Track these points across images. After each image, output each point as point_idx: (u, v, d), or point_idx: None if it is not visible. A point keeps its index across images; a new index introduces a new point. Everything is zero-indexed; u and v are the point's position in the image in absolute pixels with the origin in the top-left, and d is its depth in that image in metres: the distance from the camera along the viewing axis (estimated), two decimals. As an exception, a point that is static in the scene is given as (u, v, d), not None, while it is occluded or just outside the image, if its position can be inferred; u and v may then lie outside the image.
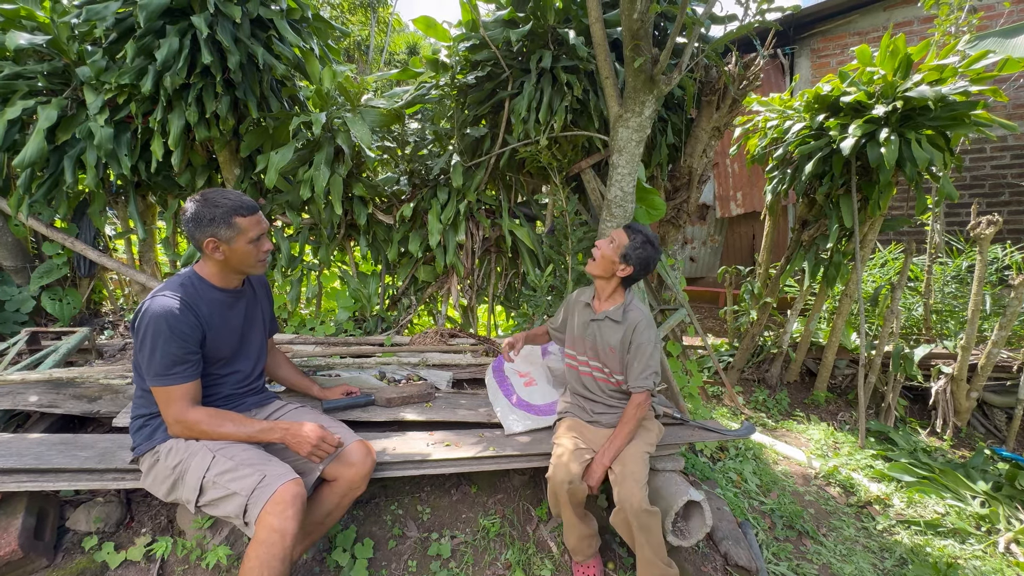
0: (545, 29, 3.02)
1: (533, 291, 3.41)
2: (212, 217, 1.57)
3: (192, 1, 2.61)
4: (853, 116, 3.38)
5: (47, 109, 2.78)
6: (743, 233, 7.79)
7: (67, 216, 3.34)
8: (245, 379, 1.87)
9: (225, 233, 1.59)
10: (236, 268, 1.70)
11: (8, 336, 3.24)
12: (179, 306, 1.56)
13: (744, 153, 4.63)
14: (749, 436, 2.57)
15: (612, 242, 1.96)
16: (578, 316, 2.11)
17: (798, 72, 6.76)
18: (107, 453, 1.89)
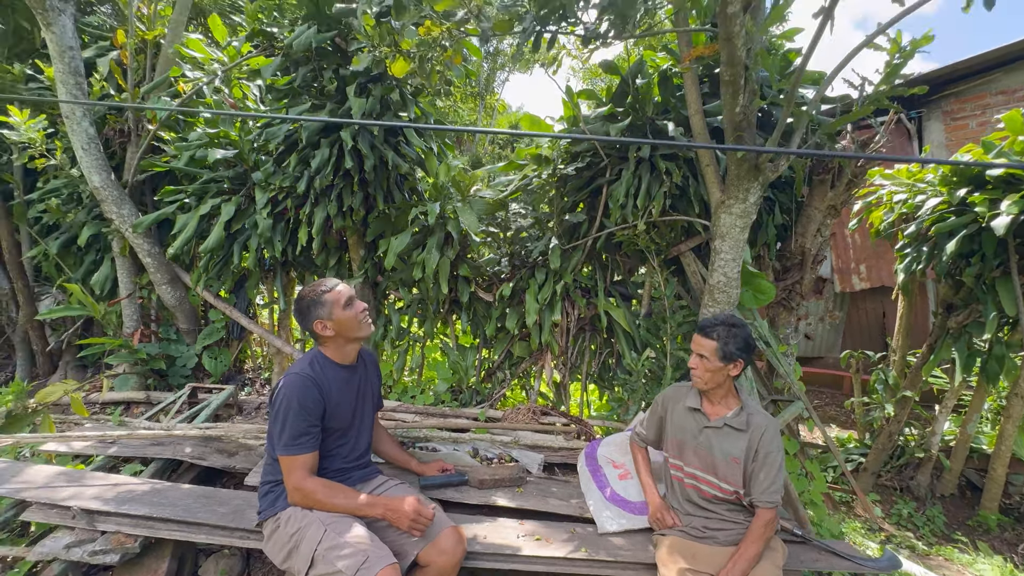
0: (644, 121, 3.15)
1: (628, 374, 3.32)
2: (308, 306, 1.84)
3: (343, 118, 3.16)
4: (1004, 190, 2.98)
5: (228, 206, 3.46)
6: (869, 310, 6.93)
7: (229, 289, 4.01)
8: (354, 452, 2.02)
9: (323, 312, 1.82)
10: (347, 336, 1.87)
11: (176, 387, 3.87)
12: (307, 383, 1.76)
13: (867, 226, 4.25)
14: (894, 571, 2.15)
15: (703, 357, 1.82)
16: (682, 421, 1.95)
17: (928, 137, 6.16)
18: (239, 511, 2.13)
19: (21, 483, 2.16)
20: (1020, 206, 2.76)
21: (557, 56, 2.46)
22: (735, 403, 1.84)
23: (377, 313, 3.85)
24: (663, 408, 2.02)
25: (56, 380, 4.35)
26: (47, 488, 2.13)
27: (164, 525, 2.06)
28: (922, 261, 3.53)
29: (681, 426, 1.93)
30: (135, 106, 3.65)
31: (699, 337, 1.87)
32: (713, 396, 1.87)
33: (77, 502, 2.04)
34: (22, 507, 2.21)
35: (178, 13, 3.93)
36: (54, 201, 3.79)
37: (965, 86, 5.93)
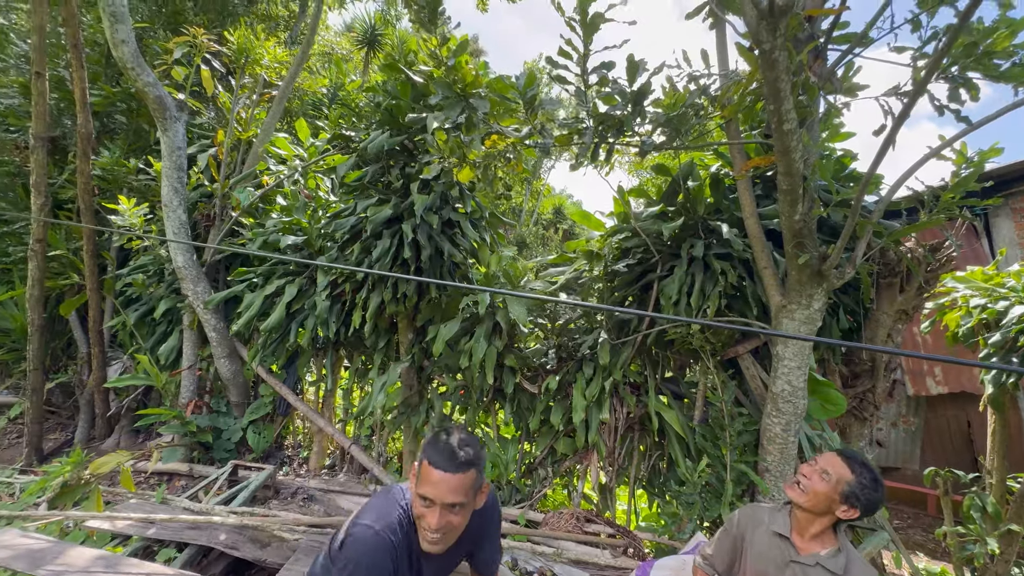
0: (696, 221, 3.18)
1: (682, 484, 3.06)
2: (424, 448, 1.42)
3: (404, 212, 3.38)
4: (1106, 304, 2.73)
5: (291, 287, 3.67)
6: (950, 417, 6.25)
7: (281, 365, 4.13)
8: None
9: (417, 467, 1.40)
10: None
11: (219, 461, 3.89)
12: (380, 549, 1.36)
13: (941, 328, 3.95)
14: None
15: (826, 476, 1.57)
16: (764, 548, 1.67)
17: (997, 235, 5.87)
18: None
19: (61, 566, 2.15)
20: None
21: (612, 162, 2.58)
22: (831, 541, 1.59)
23: (420, 397, 3.82)
24: (739, 529, 1.75)
25: (110, 444, 4.49)
26: (85, 573, 2.10)
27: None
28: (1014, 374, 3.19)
29: (762, 554, 1.68)
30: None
31: (836, 458, 1.60)
32: (807, 525, 1.62)
33: (110, 592, 1.99)
34: (58, 590, 2.18)
35: (271, 117, 4.48)
36: (141, 277, 4.16)
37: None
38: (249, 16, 5.96)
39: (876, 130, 2.09)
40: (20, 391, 5.01)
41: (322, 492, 3.45)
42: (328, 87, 7.28)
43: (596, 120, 2.21)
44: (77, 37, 3.53)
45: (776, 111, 2.16)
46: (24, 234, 4.54)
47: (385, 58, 3.48)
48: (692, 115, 2.55)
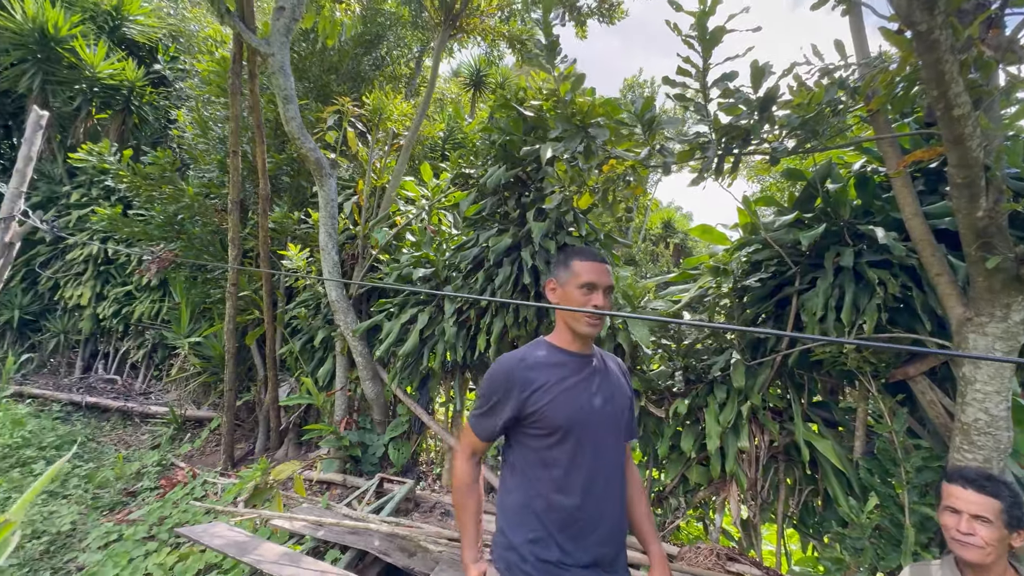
0: (840, 227, 2.86)
1: (844, 526, 2.68)
2: (559, 260, 1.56)
3: (522, 240, 3.54)
4: None
5: (423, 315, 4.03)
6: None
7: (415, 387, 4.51)
8: (593, 482, 1.41)
9: (563, 275, 1.51)
10: (568, 322, 1.47)
11: (366, 473, 4.34)
12: (507, 357, 1.47)
13: None
14: None
15: (982, 520, 1.39)
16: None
17: None
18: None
19: (258, 556, 2.57)
20: None
21: (737, 173, 2.45)
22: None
23: (543, 419, 3.89)
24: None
25: (281, 454, 5.26)
26: (276, 564, 2.49)
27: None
28: None
29: None
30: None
31: (970, 492, 1.42)
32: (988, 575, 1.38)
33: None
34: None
35: (400, 164, 5.05)
36: (303, 311, 4.90)
37: None
38: (379, 78, 6.83)
39: (1088, 102, 1.72)
40: (218, 408, 6.13)
41: (456, 508, 3.66)
42: (444, 131, 7.98)
43: (719, 133, 2.14)
44: (259, 120, 4.38)
45: (941, 97, 1.89)
46: (222, 280, 5.63)
47: (497, 98, 3.74)
48: (830, 113, 2.34)
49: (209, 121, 6.22)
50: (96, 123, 8.84)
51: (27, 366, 7.84)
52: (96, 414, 6.73)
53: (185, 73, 8.62)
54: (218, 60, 5.66)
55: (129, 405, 6.70)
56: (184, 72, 8.71)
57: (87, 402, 6.76)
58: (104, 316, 7.57)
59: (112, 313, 7.51)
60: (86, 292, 7.64)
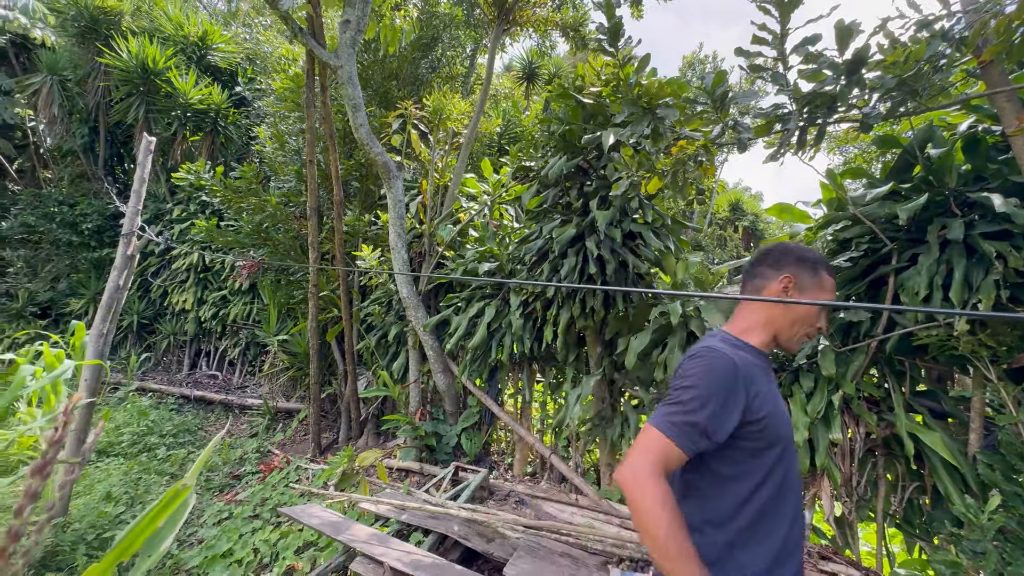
0: (945, 196, 2.57)
1: (959, 526, 2.42)
2: (803, 258, 1.32)
3: (586, 229, 3.51)
4: None
5: (489, 308, 4.11)
6: None
7: (484, 378, 4.62)
8: (800, 506, 1.27)
9: (807, 280, 1.30)
10: (787, 329, 1.31)
11: (441, 462, 4.52)
12: (725, 351, 1.21)
13: None
14: None
15: None
16: None
17: None
18: (500, 602, 2.25)
19: (350, 536, 2.76)
20: None
21: (820, 144, 2.26)
22: None
23: (613, 410, 3.85)
24: None
25: (362, 444, 5.60)
26: (367, 544, 2.66)
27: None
28: None
29: None
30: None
31: None
32: None
33: (387, 560, 2.48)
34: (349, 555, 2.81)
35: (461, 162, 5.16)
36: (377, 308, 5.17)
37: None
38: (436, 79, 7.01)
39: None
40: (305, 400, 6.63)
41: (529, 497, 3.72)
42: (500, 126, 8.05)
43: (800, 103, 1.99)
44: (331, 130, 4.66)
45: (1075, 38, 1.65)
46: (303, 281, 6.07)
47: (554, 88, 3.71)
48: (930, 69, 2.10)
49: (286, 135, 6.70)
50: (190, 145, 9.81)
51: (145, 364, 8.91)
52: (202, 406, 7.52)
53: (262, 92, 9.34)
54: (291, 77, 6.08)
55: (229, 398, 7.42)
56: (261, 91, 9.44)
57: (195, 395, 7.57)
58: (204, 318, 8.42)
59: (211, 316, 8.34)
60: (189, 297, 8.54)
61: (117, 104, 9.41)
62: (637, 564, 2.71)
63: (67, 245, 9.45)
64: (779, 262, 1.33)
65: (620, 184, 2.49)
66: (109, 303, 3.74)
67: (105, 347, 3.76)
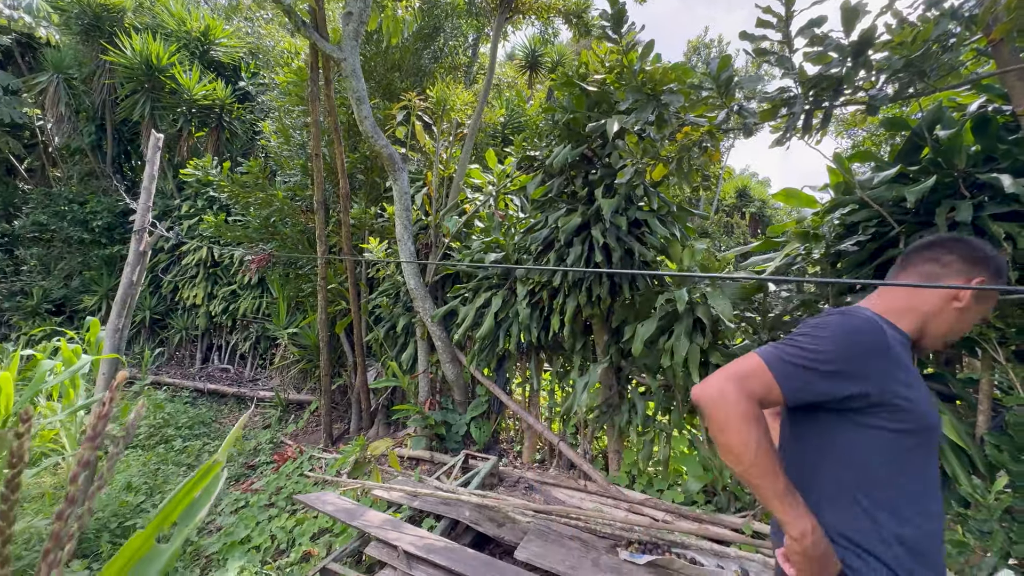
0: (954, 177, 2.55)
1: (966, 506, 2.44)
2: (1000, 270, 1.18)
3: (591, 218, 3.51)
4: None
5: (496, 298, 4.14)
6: None
7: (492, 368, 4.67)
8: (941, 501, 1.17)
9: (991, 282, 1.18)
10: (931, 324, 1.20)
11: (451, 450, 4.59)
12: (877, 323, 1.12)
13: None
14: None
15: None
16: None
17: None
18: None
19: (365, 522, 2.83)
20: None
21: (828, 129, 2.25)
22: None
23: (620, 397, 3.88)
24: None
25: (373, 433, 5.69)
26: (381, 529, 2.73)
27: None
28: None
29: None
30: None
31: None
32: None
33: (400, 544, 2.54)
34: (364, 540, 2.88)
35: (465, 153, 5.17)
36: (384, 299, 5.22)
37: None
38: (438, 70, 6.99)
39: None
40: (315, 392, 6.73)
41: (539, 483, 3.78)
42: (504, 115, 8.01)
43: (806, 86, 1.98)
44: (336, 123, 4.68)
45: (1086, 14, 1.62)
46: (312, 275, 6.13)
47: (558, 76, 3.70)
48: (939, 49, 2.08)
49: (290, 129, 6.73)
50: (196, 141, 9.87)
51: (159, 359, 9.06)
52: (216, 399, 7.65)
53: (265, 87, 9.35)
54: (295, 71, 6.08)
55: (241, 391, 7.54)
56: (264, 86, 9.45)
57: (208, 388, 7.70)
58: (215, 313, 8.54)
59: (221, 310, 8.45)
60: (199, 292, 8.64)
61: (123, 101, 9.47)
62: (645, 547, 2.76)
63: (79, 243, 9.59)
64: (976, 261, 1.18)
65: (625, 172, 2.49)
66: (123, 299, 3.82)
67: (121, 342, 3.84)
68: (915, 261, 1.26)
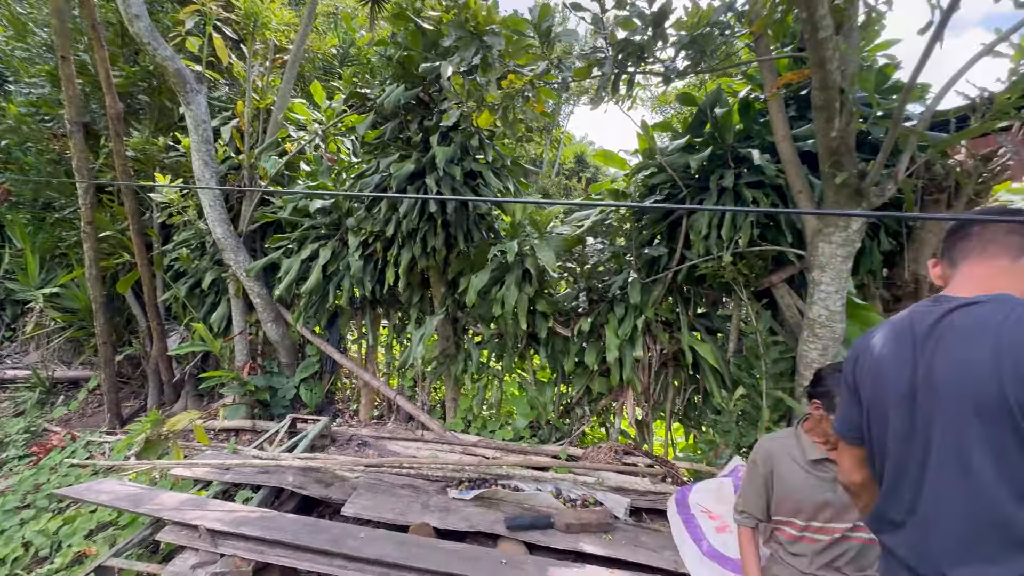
0: (725, 150, 3.07)
1: (718, 413, 3.12)
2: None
3: (426, 166, 3.38)
4: None
5: (325, 250, 3.79)
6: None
7: (323, 325, 4.33)
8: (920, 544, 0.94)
9: None
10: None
11: (278, 416, 4.20)
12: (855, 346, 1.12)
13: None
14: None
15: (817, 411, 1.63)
16: (799, 479, 1.63)
17: (1064, 141, 5.38)
18: (338, 539, 2.24)
19: (157, 505, 2.43)
20: None
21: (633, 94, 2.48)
22: None
23: (457, 348, 3.97)
24: (766, 469, 1.69)
25: (179, 408, 4.88)
26: (177, 511, 2.38)
27: (272, 550, 2.21)
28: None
29: (799, 484, 1.67)
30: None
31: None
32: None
33: (203, 523, 2.25)
34: (157, 527, 2.48)
35: (286, 83, 4.47)
36: (185, 251, 4.37)
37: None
38: (252, -21, 5.82)
39: (922, 28, 1.93)
40: (94, 366, 5.47)
41: (374, 439, 3.71)
42: (337, 46, 7.14)
43: (615, 48, 2.12)
44: (93, 17, 3.57)
45: (809, 19, 2.02)
46: (75, 219, 4.80)
47: (392, 8, 3.38)
48: (718, 34, 2.41)
49: (28, 23, 4.99)
50: None
51: None
52: (-68, 385, 5.69)
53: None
54: (26, -63, 4.45)
55: (-25, 371, 5.73)
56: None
57: (-84, 372, 5.67)
58: (-80, 270, 6.20)
59: (-69, 266, 6.17)
60: None
61: None
62: (475, 483, 2.92)
63: None
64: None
65: (451, 114, 2.42)
66: None
67: None
68: (996, 237, 1.00)
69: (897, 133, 2.11)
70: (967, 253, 1.04)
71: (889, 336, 1.05)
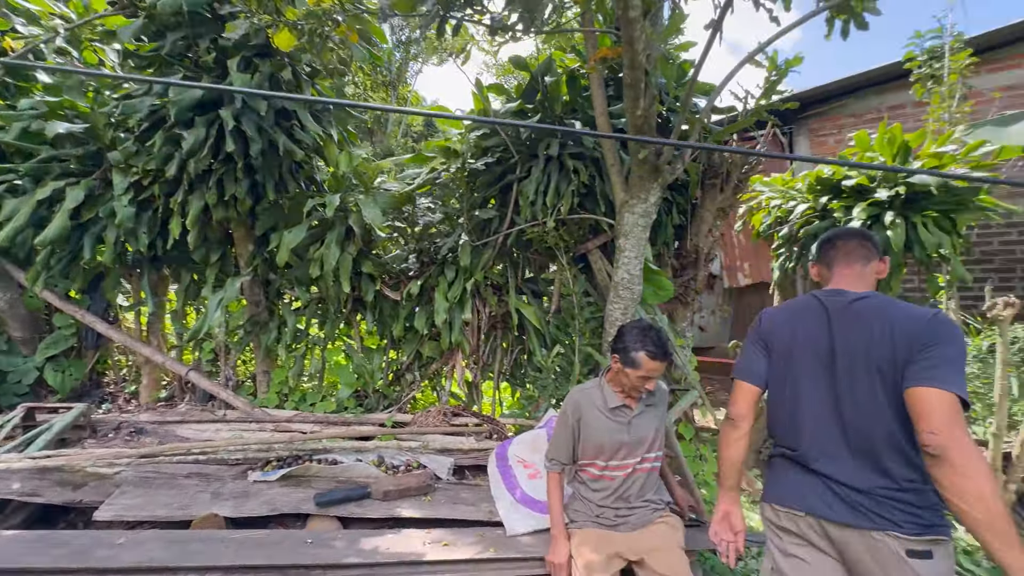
0: (552, 119, 3.17)
1: (539, 371, 3.33)
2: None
3: (224, 97, 2.79)
4: (856, 198, 3.42)
5: (75, 190, 2.91)
6: (752, 304, 7.71)
7: (81, 289, 3.39)
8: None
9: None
10: None
11: (7, 408, 3.19)
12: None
13: (749, 227, 4.68)
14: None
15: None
16: (602, 424, 1.86)
17: (797, 149, 6.99)
18: (83, 551, 1.79)
19: None
20: (868, 212, 3.19)
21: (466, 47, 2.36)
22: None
23: (270, 314, 3.49)
24: (574, 418, 1.89)
25: None
26: None
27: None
28: (793, 260, 3.95)
29: (601, 428, 1.87)
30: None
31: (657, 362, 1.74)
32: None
33: None
34: None
35: (5, -47, 3.22)
36: None
37: (825, 108, 6.81)
38: None
39: (706, 24, 2.20)
40: None
41: (156, 424, 3.06)
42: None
43: (441, -14, 1.96)
44: None
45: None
46: None
47: None
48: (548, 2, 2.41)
49: None
50: None
51: None
52: None
53: None
54: None
55: None
56: None
57: None
58: None
59: None
60: None
61: None
62: (285, 461, 2.63)
63: None
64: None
65: (236, 24, 1.98)
66: None
67: None
68: (855, 253, 1.48)
69: (685, 116, 2.40)
70: (836, 260, 1.48)
71: (801, 312, 1.45)
